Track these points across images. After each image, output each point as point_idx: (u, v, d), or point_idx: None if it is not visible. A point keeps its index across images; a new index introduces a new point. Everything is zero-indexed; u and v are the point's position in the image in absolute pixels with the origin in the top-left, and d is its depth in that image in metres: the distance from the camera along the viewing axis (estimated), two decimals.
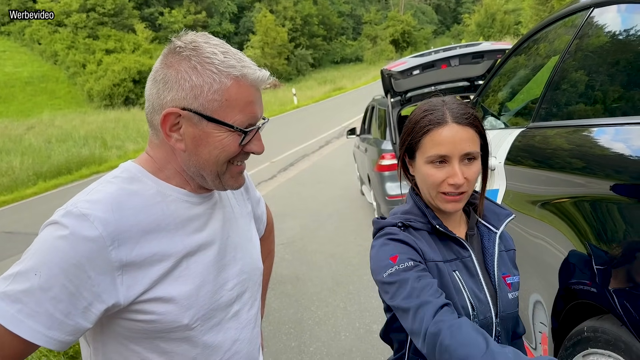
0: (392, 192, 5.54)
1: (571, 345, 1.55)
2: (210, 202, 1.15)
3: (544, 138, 2.04)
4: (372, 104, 7.10)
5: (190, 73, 0.99)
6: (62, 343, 0.92)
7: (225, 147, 1.03)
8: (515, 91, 2.93)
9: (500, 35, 42.73)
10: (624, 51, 1.71)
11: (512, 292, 1.24)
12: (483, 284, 1.20)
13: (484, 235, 1.27)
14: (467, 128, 1.15)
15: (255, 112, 1.04)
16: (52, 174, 15.90)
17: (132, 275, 0.96)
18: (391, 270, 1.11)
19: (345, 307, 4.21)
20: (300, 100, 29.20)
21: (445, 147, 1.14)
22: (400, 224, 1.20)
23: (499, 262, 1.24)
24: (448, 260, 1.19)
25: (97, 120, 27.13)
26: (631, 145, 1.43)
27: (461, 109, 1.18)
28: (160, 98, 1.01)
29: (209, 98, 0.99)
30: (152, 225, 1.00)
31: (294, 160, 12.61)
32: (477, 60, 5.18)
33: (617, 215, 1.41)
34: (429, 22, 62.93)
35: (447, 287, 1.15)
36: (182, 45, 1.01)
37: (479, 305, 1.16)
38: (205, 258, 1.09)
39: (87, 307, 0.92)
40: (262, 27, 47.59)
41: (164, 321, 1.01)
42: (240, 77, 1.00)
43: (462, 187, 1.15)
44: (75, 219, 0.91)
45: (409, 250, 1.14)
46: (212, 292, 1.10)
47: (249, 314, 1.22)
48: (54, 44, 41.58)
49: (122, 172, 1.05)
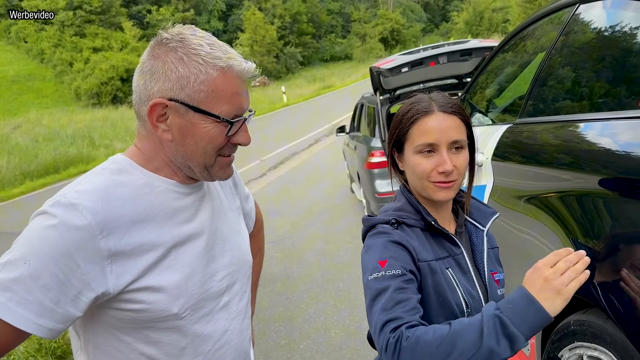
0: (382, 190, 5.55)
1: (558, 339, 1.56)
2: (199, 193, 1.15)
3: (531, 134, 2.05)
4: (361, 102, 7.11)
5: (176, 64, 1.00)
6: (52, 331, 0.92)
7: (211, 138, 1.03)
8: (502, 88, 2.95)
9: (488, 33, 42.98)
10: (609, 47, 1.72)
11: (500, 288, 1.25)
12: (475, 281, 1.21)
13: (472, 232, 1.28)
14: (453, 116, 1.17)
15: (242, 103, 1.05)
16: (39, 173, 15.75)
17: (121, 264, 0.97)
18: (377, 274, 1.10)
19: (335, 304, 4.22)
20: (290, 98, 29.15)
21: (432, 135, 1.15)
22: (394, 220, 1.19)
23: (488, 260, 1.25)
24: (441, 258, 1.18)
25: (84, 119, 26.91)
26: (617, 140, 1.44)
27: (446, 99, 1.20)
28: (147, 89, 1.02)
29: (196, 89, 1.00)
30: (140, 215, 1.01)
31: (284, 159, 12.60)
32: (465, 57, 5.22)
33: (603, 209, 1.42)
34: (417, 20, 63.06)
35: (441, 285, 1.14)
36: (169, 37, 1.02)
37: (472, 302, 1.17)
38: (195, 248, 1.10)
39: (76, 296, 0.93)
40: (250, 25, 47.41)
41: (154, 310, 1.02)
42: (227, 68, 1.01)
43: (452, 175, 1.15)
44: (64, 209, 0.92)
45: (401, 254, 1.12)
46: (202, 282, 1.10)
47: (239, 305, 1.22)
48: (41, 42, 41.14)
49: (110, 164, 1.06)
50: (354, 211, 7.01)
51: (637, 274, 1.21)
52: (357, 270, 4.85)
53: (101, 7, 42.80)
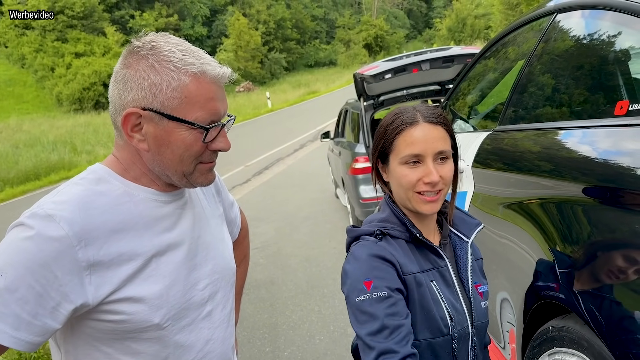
0: (366, 195, 5.56)
1: (537, 344, 1.57)
2: (180, 201, 1.14)
3: (512, 141, 2.07)
4: (345, 108, 7.13)
5: (148, 72, 0.99)
6: (30, 344, 0.91)
7: (187, 146, 1.02)
8: (483, 94, 2.98)
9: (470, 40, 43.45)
10: (587, 55, 1.75)
11: (484, 301, 1.25)
12: (459, 293, 1.20)
13: (456, 244, 1.28)
14: (438, 127, 1.17)
15: (217, 108, 1.03)
16: (19, 180, 15.53)
17: (100, 275, 0.96)
18: (364, 297, 1.08)
19: (319, 310, 4.21)
20: (275, 104, 29.15)
21: (418, 146, 1.15)
22: (379, 232, 1.18)
23: (472, 272, 1.25)
24: (425, 270, 1.18)
25: (66, 125, 26.61)
26: (596, 148, 1.46)
27: (430, 110, 1.20)
28: (121, 99, 1.01)
29: (168, 96, 0.99)
30: (119, 225, 1.00)
31: (269, 164, 12.57)
32: (448, 64, 5.27)
33: (582, 216, 1.44)
34: (401, 27, 63.51)
35: (425, 298, 1.14)
36: (140, 45, 1.01)
37: (456, 316, 1.16)
38: (175, 257, 1.09)
39: (55, 308, 0.92)
40: (235, 31, 47.34)
41: (135, 321, 1.01)
42: (199, 73, 1.00)
43: (438, 185, 1.15)
44: (40, 220, 0.91)
45: (385, 271, 1.11)
46: (183, 292, 1.09)
47: (222, 313, 1.21)
48: (22, 47, 40.52)
49: (88, 174, 1.05)
50: (339, 217, 7.01)
51: (614, 280, 1.22)
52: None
53: (83, 12, 42.29)
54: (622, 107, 1.40)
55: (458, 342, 1.16)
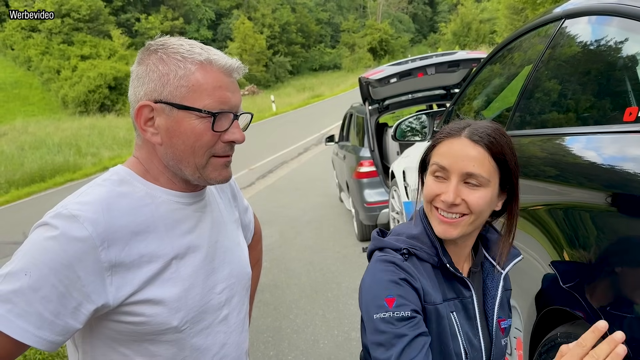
0: (371, 199, 5.56)
1: (545, 350, 1.56)
2: (200, 204, 1.15)
3: (518, 146, 2.07)
4: (350, 112, 7.14)
5: (157, 64, 1.01)
6: (52, 343, 0.92)
7: (198, 135, 1.02)
8: (490, 99, 2.97)
9: (475, 44, 43.40)
10: (595, 61, 1.75)
11: (505, 337, 1.19)
12: (479, 328, 1.14)
13: (487, 273, 1.19)
14: (478, 147, 1.05)
15: (226, 97, 1.03)
16: (25, 182, 15.59)
17: (121, 276, 0.97)
18: (384, 315, 1.00)
19: (324, 314, 4.20)
20: (279, 107, 29.18)
21: (446, 159, 1.06)
22: (406, 251, 1.09)
23: (499, 306, 1.17)
24: (447, 299, 1.10)
25: (71, 127, 26.70)
26: (602, 154, 1.46)
27: (481, 126, 1.07)
28: (136, 95, 1.04)
29: (176, 84, 1.00)
30: (141, 226, 1.01)
31: (273, 167, 12.59)
32: (453, 68, 5.27)
33: (590, 222, 1.44)
34: (406, 31, 63.58)
35: (444, 332, 1.07)
36: (152, 43, 1.05)
37: (471, 352, 1.10)
38: (194, 260, 1.09)
39: (76, 308, 0.93)
40: (240, 34, 47.52)
41: (153, 323, 1.02)
42: (205, 61, 1.01)
43: (456, 209, 1.05)
44: (65, 220, 0.92)
45: (409, 293, 1.03)
46: (202, 295, 1.10)
47: (238, 318, 1.22)
48: (28, 49, 40.80)
49: (111, 175, 1.06)
50: (343, 221, 7.01)
51: (623, 287, 1.22)
52: (346, 280, 4.84)
53: (89, 15, 42.59)
54: (631, 114, 1.40)
55: None
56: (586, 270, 1.37)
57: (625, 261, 1.25)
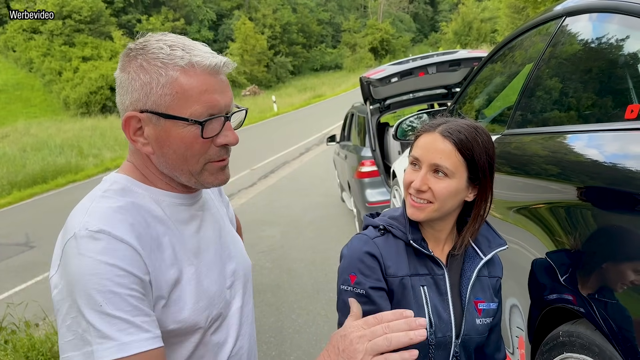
0: (373, 199, 5.55)
1: (547, 349, 1.56)
2: (199, 203, 1.14)
3: (520, 145, 2.06)
4: (351, 111, 7.13)
5: (138, 72, 0.96)
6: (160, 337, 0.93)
7: (188, 144, 0.98)
8: (491, 98, 2.97)
9: (477, 43, 43.37)
10: (596, 58, 1.74)
11: (483, 318, 1.25)
12: (450, 304, 1.22)
13: (467, 257, 1.27)
14: (447, 142, 1.16)
15: (214, 100, 0.97)
16: (27, 183, 15.61)
17: (155, 280, 0.96)
18: (347, 288, 1.19)
19: (326, 314, 4.20)
20: (280, 108, 29.19)
21: (419, 151, 1.20)
22: (382, 227, 1.24)
23: (476, 287, 1.25)
24: (418, 274, 1.21)
25: (73, 129, 26.74)
26: (604, 152, 1.45)
27: (453, 124, 1.19)
28: (123, 104, 1.00)
29: (159, 93, 0.95)
30: (156, 232, 1.00)
31: (274, 168, 12.59)
32: (454, 68, 5.26)
33: (591, 221, 1.43)
34: (407, 30, 63.52)
35: (408, 300, 1.19)
36: (132, 47, 0.99)
37: (438, 324, 1.19)
38: (207, 258, 1.10)
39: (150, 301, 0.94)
40: (241, 35, 47.52)
41: (182, 326, 1.01)
42: (187, 66, 0.95)
43: (423, 195, 1.17)
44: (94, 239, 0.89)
45: (371, 269, 1.19)
46: (218, 291, 1.11)
47: (247, 309, 1.22)
48: (29, 51, 40.84)
49: (111, 185, 1.02)
50: (345, 221, 7.00)
51: (625, 285, 1.21)
52: None
53: (90, 16, 42.61)
54: (632, 111, 1.39)
55: (435, 349, 1.20)
56: (589, 269, 1.37)
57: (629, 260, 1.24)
